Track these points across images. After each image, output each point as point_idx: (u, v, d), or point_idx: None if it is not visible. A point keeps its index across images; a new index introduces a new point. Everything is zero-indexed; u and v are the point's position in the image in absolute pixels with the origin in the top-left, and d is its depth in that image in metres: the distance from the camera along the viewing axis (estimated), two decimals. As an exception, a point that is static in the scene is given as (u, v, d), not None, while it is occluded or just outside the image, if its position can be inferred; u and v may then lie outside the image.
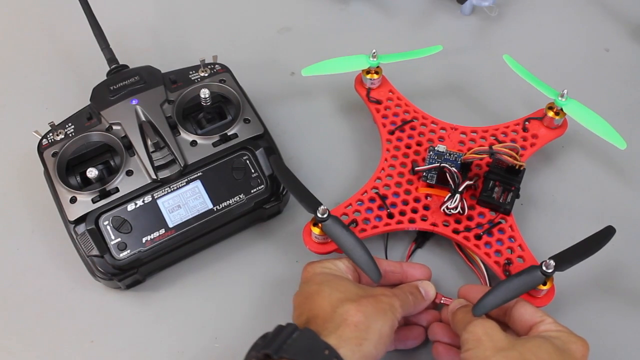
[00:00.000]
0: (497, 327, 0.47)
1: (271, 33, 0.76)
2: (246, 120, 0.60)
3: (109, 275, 0.55)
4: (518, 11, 0.77)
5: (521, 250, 0.55)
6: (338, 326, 0.45)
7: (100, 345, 0.56)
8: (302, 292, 0.51)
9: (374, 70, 0.63)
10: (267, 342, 0.44)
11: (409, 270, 0.55)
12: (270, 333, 0.46)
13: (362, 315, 0.46)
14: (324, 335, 0.45)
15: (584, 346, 0.47)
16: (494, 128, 0.62)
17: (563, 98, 0.59)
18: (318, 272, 0.51)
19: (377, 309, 0.47)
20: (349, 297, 0.48)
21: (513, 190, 0.57)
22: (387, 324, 0.47)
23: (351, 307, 0.47)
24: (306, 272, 0.52)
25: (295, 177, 0.55)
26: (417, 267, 0.55)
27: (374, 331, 0.46)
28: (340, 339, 0.44)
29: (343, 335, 0.45)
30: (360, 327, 0.45)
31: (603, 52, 0.74)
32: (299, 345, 0.44)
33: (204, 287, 0.59)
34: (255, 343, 0.46)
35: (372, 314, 0.47)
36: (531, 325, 0.49)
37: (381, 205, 0.58)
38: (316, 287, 0.49)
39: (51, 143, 0.59)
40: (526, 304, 0.50)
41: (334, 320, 0.46)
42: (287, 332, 0.45)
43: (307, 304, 0.49)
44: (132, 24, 0.76)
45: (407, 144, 0.61)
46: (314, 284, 0.50)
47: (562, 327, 0.48)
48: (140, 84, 0.61)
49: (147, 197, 0.56)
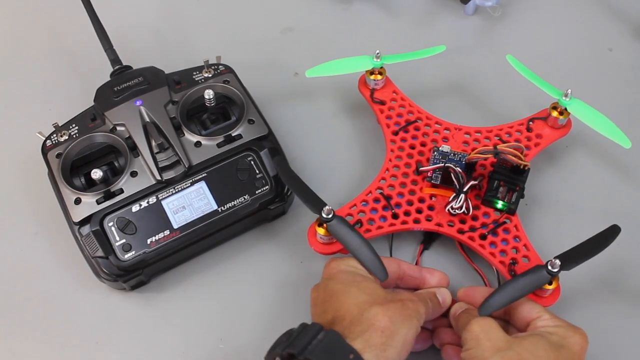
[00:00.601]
0: (495, 325, 0.47)
1: (274, 33, 0.76)
2: (250, 121, 0.60)
3: (113, 276, 0.55)
4: (521, 11, 0.77)
5: (526, 250, 0.55)
6: (365, 330, 0.45)
7: (105, 346, 0.56)
8: (327, 288, 0.50)
9: (377, 71, 0.63)
10: (291, 341, 0.44)
11: (427, 276, 0.54)
12: (294, 331, 0.45)
13: (388, 320, 0.46)
14: (350, 338, 0.44)
15: (582, 338, 0.47)
16: (498, 128, 0.62)
17: (567, 98, 0.59)
18: (343, 270, 0.51)
19: (403, 314, 0.47)
20: (377, 300, 0.47)
21: (518, 190, 0.57)
22: (412, 330, 0.47)
23: (379, 311, 0.46)
24: (330, 269, 0.52)
25: (299, 178, 0.55)
26: (435, 274, 0.55)
27: (399, 337, 0.45)
28: (366, 344, 0.44)
29: (370, 340, 0.44)
30: (387, 333, 0.45)
31: (606, 51, 0.74)
32: (324, 347, 0.43)
33: (208, 288, 0.59)
34: (279, 340, 0.45)
35: (399, 320, 0.46)
36: (529, 321, 0.49)
37: (386, 205, 0.58)
38: (342, 287, 0.49)
39: (55, 144, 0.59)
40: (524, 300, 0.50)
41: (361, 323, 0.45)
42: (312, 332, 0.44)
43: (332, 302, 0.48)
44: (135, 24, 0.76)
45: (411, 144, 0.61)
46: (339, 283, 0.49)
47: (559, 322, 0.48)
48: (144, 84, 0.61)
49: (152, 198, 0.56)
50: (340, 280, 0.50)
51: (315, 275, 0.58)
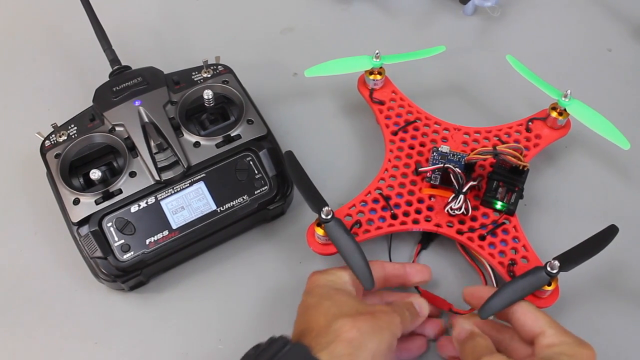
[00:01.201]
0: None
1: (274, 34, 0.76)
2: (249, 121, 0.60)
3: (112, 276, 0.55)
4: (520, 11, 0.77)
5: (525, 251, 0.55)
6: (331, 342, 0.44)
7: (103, 347, 0.56)
8: (303, 303, 0.50)
9: (377, 71, 0.63)
10: (258, 354, 0.44)
11: (411, 271, 0.55)
12: (262, 344, 0.45)
13: (356, 331, 0.45)
14: (316, 350, 0.44)
15: (590, 354, 0.46)
16: (497, 128, 0.62)
17: (566, 98, 0.59)
18: (321, 284, 0.51)
19: (373, 326, 0.46)
20: (346, 312, 0.47)
21: (517, 190, 0.57)
22: (384, 342, 0.46)
23: (346, 322, 0.46)
24: (309, 283, 0.52)
25: (306, 174, 0.55)
26: (418, 268, 0.55)
27: (368, 349, 0.45)
28: (331, 355, 0.44)
29: (334, 351, 0.44)
30: (354, 344, 0.44)
31: (606, 52, 0.74)
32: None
33: (207, 288, 0.59)
34: (247, 354, 0.45)
35: (368, 332, 0.46)
36: (533, 336, 0.48)
37: (385, 206, 0.58)
38: (316, 300, 0.49)
39: (54, 144, 0.58)
40: (526, 310, 0.49)
41: (327, 335, 0.45)
42: (278, 345, 0.44)
43: (305, 316, 0.48)
44: (134, 24, 0.76)
45: (411, 144, 0.61)
46: (314, 296, 0.50)
47: (564, 337, 0.47)
48: (143, 85, 0.61)
49: (151, 198, 0.56)
50: (316, 294, 0.50)
51: (314, 275, 0.59)
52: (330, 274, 0.52)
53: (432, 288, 0.57)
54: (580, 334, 0.47)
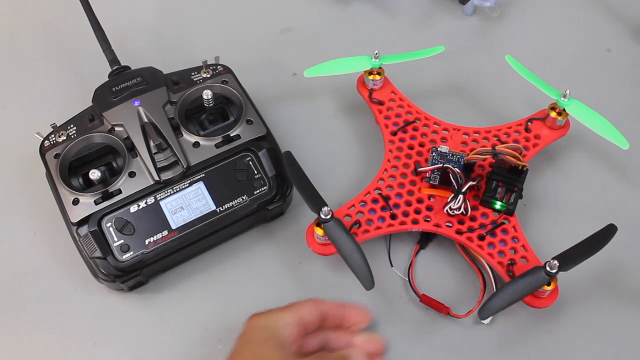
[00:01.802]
0: None
1: (273, 34, 0.76)
2: (249, 122, 0.60)
3: (111, 277, 0.55)
4: (520, 12, 0.77)
5: (524, 251, 0.55)
6: None
7: (103, 347, 0.56)
8: (234, 346, 0.48)
9: (376, 71, 0.63)
10: None
11: (349, 313, 0.53)
12: None
13: None
14: None
15: None
16: (497, 128, 0.62)
17: (565, 98, 0.59)
18: (255, 327, 0.49)
19: None
20: None
21: (516, 190, 0.57)
22: None
23: None
24: (245, 326, 0.49)
25: (305, 175, 0.55)
26: (357, 310, 0.53)
27: None
28: None
29: None
30: None
31: (605, 52, 0.74)
32: None
33: (207, 288, 0.59)
34: None
35: None
36: None
37: (384, 206, 0.58)
38: (241, 347, 0.47)
39: (53, 144, 0.58)
40: None
41: None
42: None
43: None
44: (133, 24, 0.76)
45: (410, 144, 0.61)
46: (242, 342, 0.48)
47: None
48: (142, 85, 0.61)
49: (150, 198, 0.56)
50: (245, 339, 0.48)
51: (313, 276, 0.59)
52: (268, 318, 0.49)
53: (431, 289, 0.57)
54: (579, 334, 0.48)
